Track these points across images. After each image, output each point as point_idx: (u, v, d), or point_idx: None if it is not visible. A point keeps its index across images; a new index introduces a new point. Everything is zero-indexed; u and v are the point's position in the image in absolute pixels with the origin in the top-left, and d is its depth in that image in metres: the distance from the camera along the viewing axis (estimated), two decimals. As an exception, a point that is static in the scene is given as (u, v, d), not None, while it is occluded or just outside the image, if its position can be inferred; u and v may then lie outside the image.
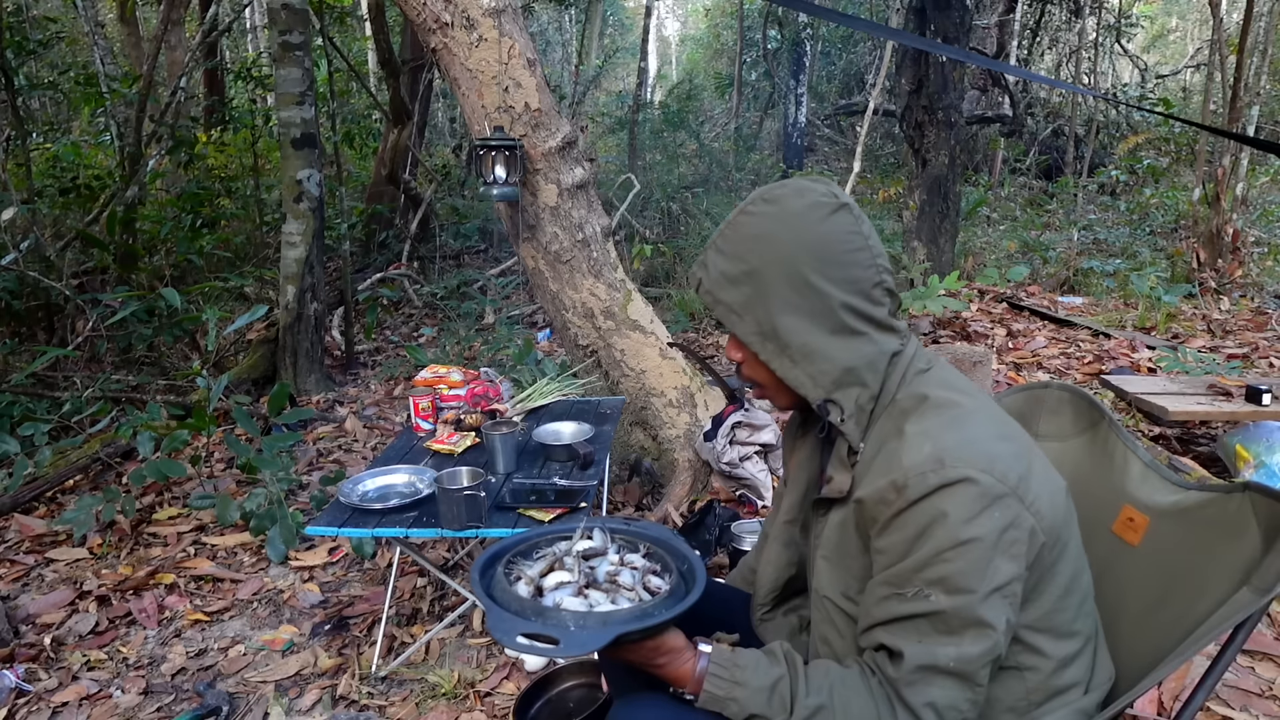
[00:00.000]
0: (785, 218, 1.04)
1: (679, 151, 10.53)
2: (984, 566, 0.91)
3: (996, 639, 0.93)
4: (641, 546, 1.20)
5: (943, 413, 0.99)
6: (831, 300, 1.03)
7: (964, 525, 0.91)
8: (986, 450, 0.95)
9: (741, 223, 1.06)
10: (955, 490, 0.92)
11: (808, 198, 1.05)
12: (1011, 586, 0.93)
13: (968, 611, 0.92)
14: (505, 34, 2.72)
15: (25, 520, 3.10)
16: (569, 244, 2.92)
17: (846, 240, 1.03)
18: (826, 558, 1.08)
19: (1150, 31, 18.10)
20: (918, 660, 0.94)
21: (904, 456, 0.96)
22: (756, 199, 1.07)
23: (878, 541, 0.98)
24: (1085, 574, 1.06)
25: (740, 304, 1.05)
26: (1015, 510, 0.93)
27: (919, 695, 0.94)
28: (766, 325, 1.04)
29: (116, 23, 9.74)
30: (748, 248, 1.05)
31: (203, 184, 6.74)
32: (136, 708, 2.13)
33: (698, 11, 25.02)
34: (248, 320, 3.37)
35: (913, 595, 0.94)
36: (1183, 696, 1.96)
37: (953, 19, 5.79)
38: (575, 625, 0.98)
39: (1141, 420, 3.60)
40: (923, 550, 0.93)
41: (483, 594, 1.06)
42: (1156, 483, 1.19)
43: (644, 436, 3.15)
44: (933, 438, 0.96)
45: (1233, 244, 6.18)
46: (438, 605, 2.53)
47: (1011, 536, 0.93)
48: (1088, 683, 1.06)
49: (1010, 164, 11.01)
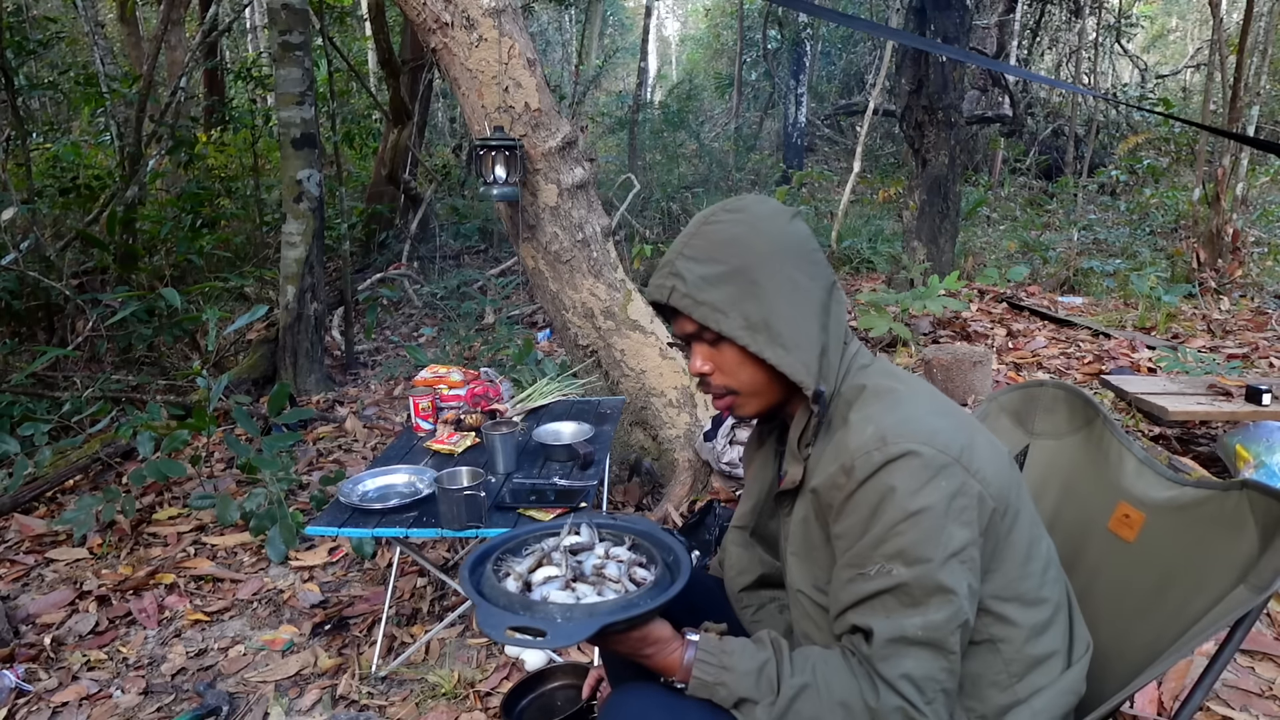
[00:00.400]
0: (754, 222, 1.10)
1: (679, 151, 10.55)
2: (937, 534, 0.95)
3: (960, 604, 0.95)
4: (627, 539, 1.22)
5: (881, 397, 1.04)
6: (809, 292, 1.08)
7: (912, 496, 0.95)
8: (926, 425, 0.99)
9: (709, 231, 1.11)
10: (899, 464, 0.96)
11: (769, 205, 1.12)
12: (968, 551, 0.96)
13: (928, 579, 0.95)
14: (505, 34, 2.73)
15: (25, 520, 3.10)
16: (569, 244, 2.92)
17: (809, 241, 1.12)
18: (795, 554, 1.11)
19: (1150, 31, 18.10)
20: (887, 634, 0.96)
21: (849, 441, 1.01)
22: (717, 210, 1.12)
23: (835, 527, 1.02)
24: (1044, 540, 1.09)
25: (725, 301, 1.08)
26: (960, 478, 0.96)
27: (893, 668, 0.96)
28: (756, 317, 1.07)
29: (116, 23, 9.74)
30: (725, 251, 1.08)
31: (203, 184, 6.74)
32: (136, 708, 2.13)
33: (698, 11, 25.02)
34: (248, 320, 3.37)
35: (875, 573, 0.97)
36: (1182, 695, 1.96)
37: (953, 19, 5.79)
38: (562, 617, 1.00)
39: (1141, 420, 3.60)
40: (877, 527, 0.97)
41: (472, 590, 1.08)
42: (1152, 479, 1.20)
43: (644, 436, 3.15)
44: (874, 420, 1.01)
45: (1233, 244, 6.18)
46: (438, 605, 2.53)
47: (960, 504, 0.96)
48: (1068, 653, 1.07)
49: (1010, 164, 11.01)
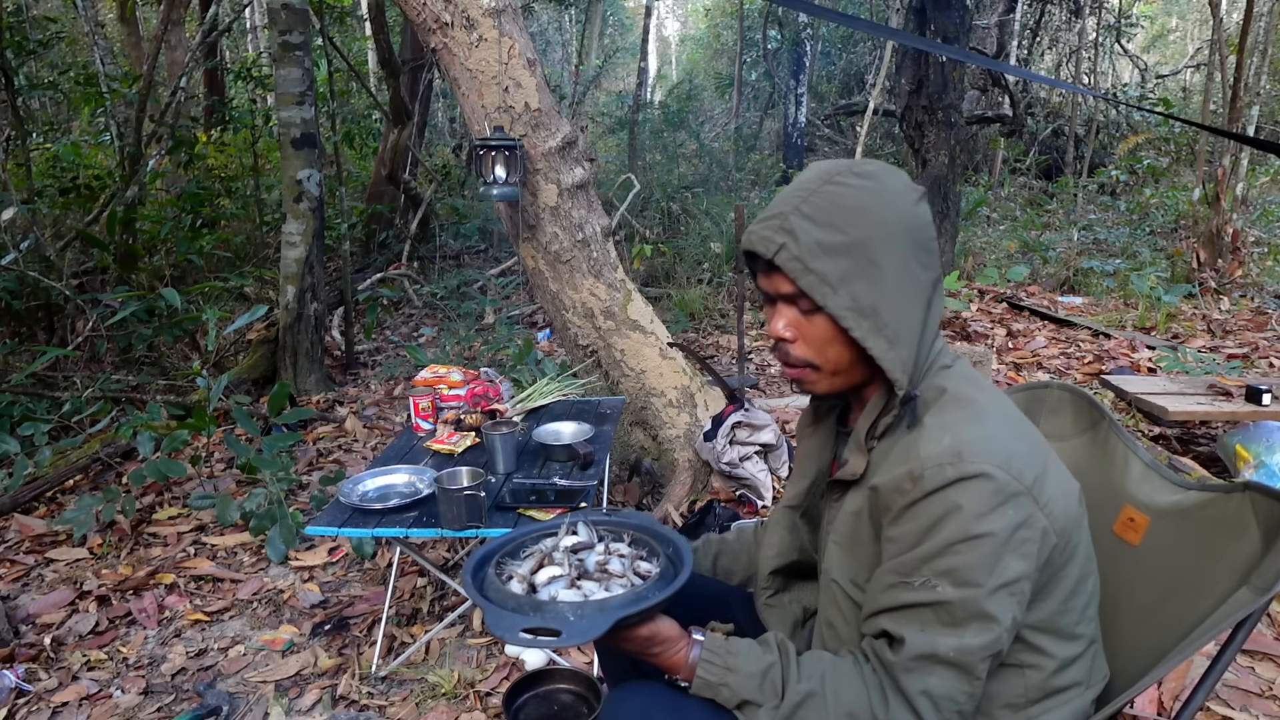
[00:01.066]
0: (884, 194, 1.00)
1: (679, 151, 10.53)
2: (994, 562, 0.92)
3: (999, 634, 0.93)
4: (626, 535, 1.21)
5: (961, 407, 0.99)
6: (922, 284, 1.02)
7: (977, 520, 0.91)
8: (1005, 448, 0.95)
9: (834, 193, 1.00)
10: (971, 484, 0.92)
11: (900, 179, 1.03)
12: (1020, 584, 0.93)
13: (973, 604, 0.92)
14: (505, 34, 2.72)
15: (25, 520, 3.10)
16: (569, 244, 2.92)
17: (929, 228, 1.03)
18: (839, 543, 1.08)
19: (1150, 31, 18.10)
20: (918, 648, 0.94)
21: (921, 447, 0.96)
22: (845, 171, 1.02)
23: (889, 530, 0.99)
24: (1093, 577, 1.06)
25: (838, 276, 0.99)
26: (1029, 509, 0.93)
27: (916, 683, 0.94)
28: (866, 301, 0.99)
29: (116, 23, 9.73)
30: (847, 218, 0.99)
31: (203, 184, 6.73)
32: (136, 708, 2.13)
33: (698, 11, 25.02)
34: (248, 320, 3.37)
35: (919, 584, 0.94)
36: (1182, 696, 1.95)
37: (953, 19, 5.79)
38: (574, 615, 0.99)
39: (1141, 420, 3.60)
40: (934, 541, 0.93)
41: (478, 595, 1.06)
42: (1157, 483, 1.19)
43: (644, 436, 3.15)
44: (951, 430, 0.96)
45: (1233, 244, 6.18)
46: (438, 605, 2.53)
47: (1023, 535, 0.93)
48: (1086, 683, 1.06)
49: (1010, 164, 11.01)
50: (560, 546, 1.17)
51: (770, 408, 3.80)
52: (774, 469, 2.96)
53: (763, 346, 5.28)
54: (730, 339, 5.33)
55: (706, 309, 5.98)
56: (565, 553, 1.15)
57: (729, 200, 8.12)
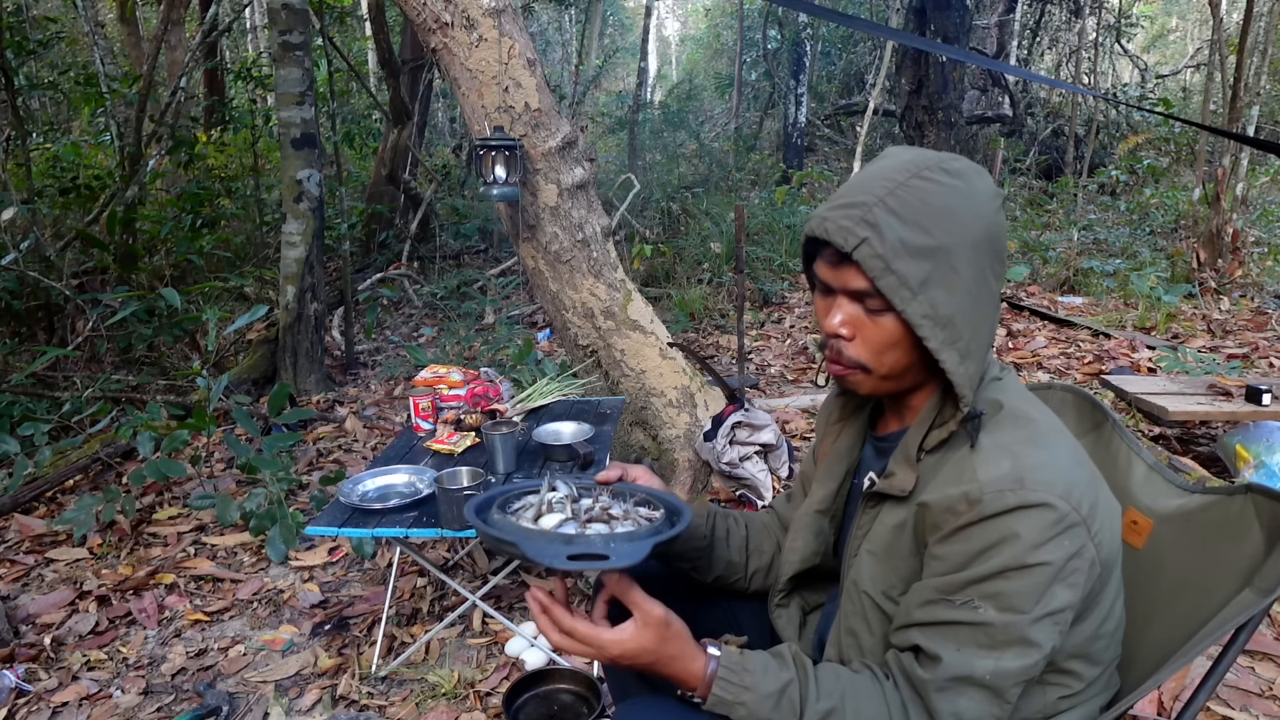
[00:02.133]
0: (973, 197, 0.96)
1: (679, 151, 10.54)
2: (1042, 591, 0.90)
3: (1037, 660, 0.91)
4: (604, 490, 1.19)
5: (1020, 426, 0.96)
6: (995, 296, 0.98)
7: (1033, 550, 0.89)
8: (1067, 476, 0.92)
9: (924, 189, 0.94)
10: (1032, 514, 0.89)
11: (987, 181, 0.98)
12: (1064, 614, 0.92)
13: (1015, 630, 0.90)
14: (505, 34, 2.72)
15: (25, 520, 3.10)
16: (569, 244, 2.92)
17: (1004, 237, 0.99)
18: (873, 553, 1.05)
19: (1150, 31, 18.11)
20: (954, 669, 0.92)
21: (979, 469, 0.92)
22: (934, 167, 0.96)
23: (936, 549, 0.95)
24: (1120, 600, 1.05)
25: (919, 279, 0.93)
26: (1082, 540, 0.91)
27: (947, 704, 0.92)
28: (944, 310, 0.94)
29: (116, 23, 9.73)
30: (936, 220, 0.94)
31: (203, 184, 6.73)
32: (136, 708, 2.13)
33: (698, 11, 25.02)
34: (248, 320, 3.36)
35: (961, 604, 0.92)
36: (1183, 697, 1.96)
37: (953, 19, 5.80)
38: (603, 547, 0.97)
39: (1141, 420, 3.60)
40: (985, 565, 0.90)
41: (509, 528, 1.02)
42: (1160, 486, 1.19)
43: (644, 436, 3.15)
44: (1012, 454, 0.92)
45: (1233, 244, 6.18)
46: (438, 605, 2.53)
47: (1074, 565, 0.91)
48: (1099, 695, 1.06)
49: (1010, 164, 11.00)
50: (550, 500, 1.14)
51: (770, 408, 3.80)
52: (774, 469, 2.96)
53: (763, 347, 5.28)
54: (730, 339, 5.33)
55: (706, 309, 5.98)
56: (564, 500, 1.12)
57: (729, 200, 8.12)
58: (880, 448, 1.14)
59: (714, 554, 1.31)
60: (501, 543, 0.99)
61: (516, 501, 1.14)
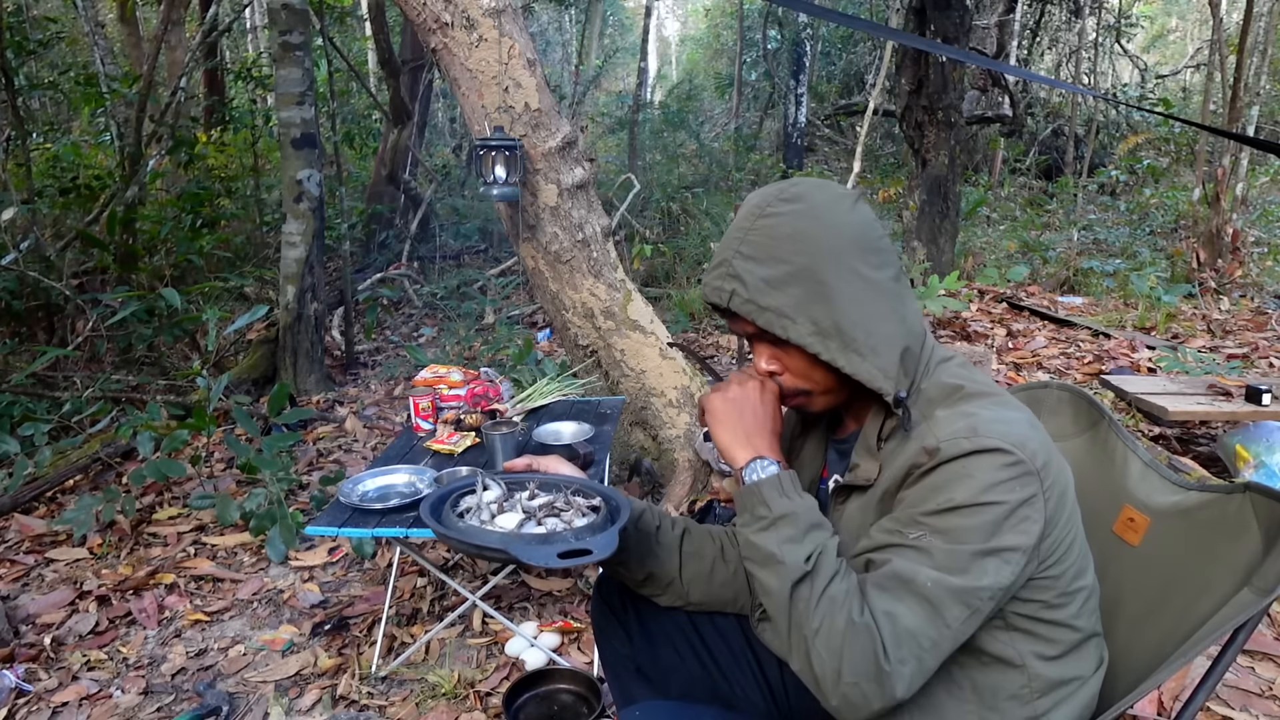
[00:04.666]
0: (815, 213, 1.02)
1: (679, 151, 10.54)
2: (990, 531, 0.92)
3: (979, 587, 0.92)
4: (530, 485, 1.24)
5: (977, 399, 1.00)
6: (882, 287, 1.02)
7: (986, 489, 0.92)
8: (1020, 431, 0.96)
9: (767, 226, 1.02)
10: (986, 457, 0.93)
11: (828, 191, 1.04)
12: (1013, 555, 0.93)
13: (960, 558, 0.92)
14: (505, 34, 2.72)
15: (25, 520, 3.10)
16: (569, 244, 2.92)
17: (874, 227, 1.03)
18: (845, 543, 1.07)
19: (1150, 31, 18.10)
20: (896, 570, 0.94)
21: (939, 429, 0.97)
22: (772, 200, 1.03)
23: (900, 494, 0.99)
24: (1089, 571, 1.06)
25: (791, 306, 1.00)
26: (1035, 488, 0.94)
27: (884, 601, 0.93)
28: (826, 322, 1.00)
29: (116, 23, 9.73)
30: (786, 248, 1.01)
31: (203, 184, 6.73)
32: (136, 708, 2.13)
33: (698, 11, 25.02)
34: (248, 320, 3.37)
35: (914, 537, 0.95)
36: (1182, 697, 1.96)
37: (953, 19, 5.79)
38: (576, 538, 1.05)
39: (1141, 420, 3.60)
40: (937, 500, 0.94)
41: (503, 537, 1.06)
42: (1157, 483, 1.19)
43: (644, 436, 3.15)
44: (968, 415, 0.97)
45: (1233, 244, 6.18)
46: (438, 605, 2.53)
47: (1024, 513, 0.93)
48: (1086, 675, 1.06)
49: (1010, 164, 11.01)
50: (485, 502, 1.19)
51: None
52: (774, 469, 2.96)
53: (763, 346, 5.27)
54: (730, 339, 5.33)
55: (706, 309, 5.98)
56: (515, 502, 1.18)
57: (729, 200, 8.12)
58: (842, 450, 1.17)
59: (638, 547, 1.27)
60: (485, 549, 1.05)
61: (459, 504, 1.19)
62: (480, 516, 1.15)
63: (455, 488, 1.23)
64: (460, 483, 1.24)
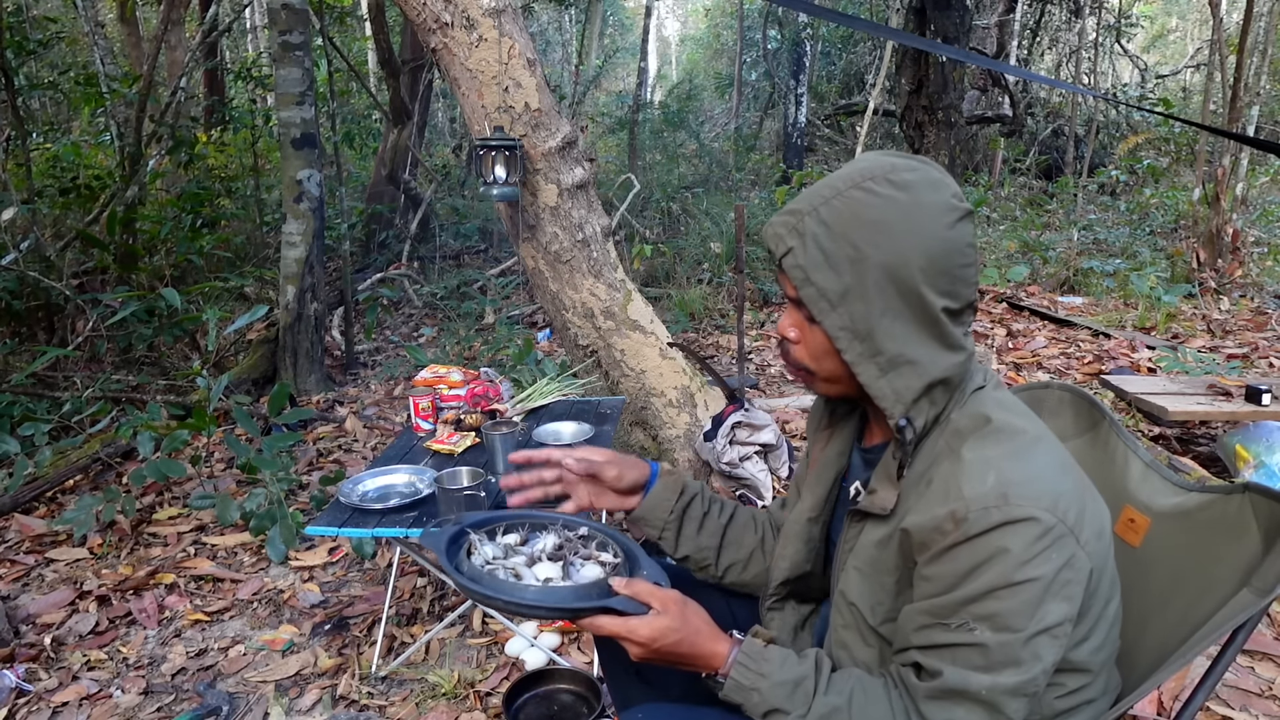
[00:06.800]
0: (913, 211, 0.93)
1: (679, 151, 10.54)
2: (1035, 607, 0.89)
3: (1035, 676, 0.90)
4: (521, 527, 1.22)
5: (1004, 439, 0.94)
6: (933, 312, 0.94)
7: (1022, 566, 0.88)
8: (1052, 487, 0.91)
9: (858, 199, 0.93)
10: (1019, 528, 0.88)
11: (942, 195, 0.94)
12: (1062, 627, 0.91)
13: (1010, 649, 0.89)
14: (505, 34, 2.72)
15: (25, 520, 3.10)
16: (569, 244, 2.92)
17: (964, 254, 0.95)
18: (859, 569, 1.04)
19: (1150, 31, 18.11)
20: (951, 682, 0.91)
21: (964, 486, 0.91)
22: (879, 178, 0.94)
23: (925, 569, 0.94)
24: (1115, 600, 1.04)
25: (837, 293, 0.94)
26: (1072, 549, 0.90)
27: (941, 713, 0.92)
28: (863, 325, 0.95)
29: (116, 23, 9.73)
30: (862, 232, 0.93)
31: (203, 184, 6.73)
32: (136, 708, 2.13)
33: (698, 11, 25.03)
34: (248, 320, 3.36)
35: (956, 626, 0.91)
36: (1182, 697, 1.96)
37: (953, 19, 5.80)
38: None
39: (1141, 420, 3.60)
40: (974, 585, 0.89)
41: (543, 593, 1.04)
42: (1158, 484, 1.19)
43: (644, 436, 3.15)
44: (996, 468, 0.91)
45: (1233, 244, 6.18)
46: (438, 605, 2.53)
47: (1066, 577, 0.90)
48: (1100, 697, 1.05)
49: (1010, 164, 11.00)
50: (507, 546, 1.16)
51: (770, 408, 3.80)
52: (774, 469, 2.96)
53: (763, 347, 5.28)
54: (730, 339, 5.33)
55: (706, 309, 5.98)
56: (541, 554, 1.15)
57: (729, 200, 8.12)
58: (867, 459, 1.14)
59: (681, 532, 1.31)
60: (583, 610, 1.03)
61: (475, 552, 1.14)
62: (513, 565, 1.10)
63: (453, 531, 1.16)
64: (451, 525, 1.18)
